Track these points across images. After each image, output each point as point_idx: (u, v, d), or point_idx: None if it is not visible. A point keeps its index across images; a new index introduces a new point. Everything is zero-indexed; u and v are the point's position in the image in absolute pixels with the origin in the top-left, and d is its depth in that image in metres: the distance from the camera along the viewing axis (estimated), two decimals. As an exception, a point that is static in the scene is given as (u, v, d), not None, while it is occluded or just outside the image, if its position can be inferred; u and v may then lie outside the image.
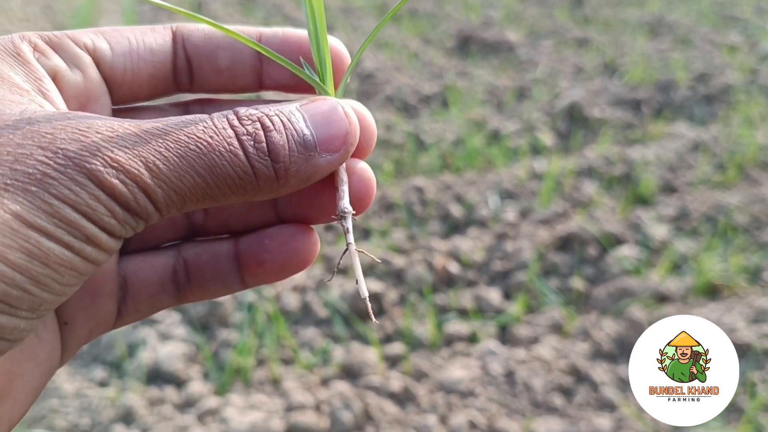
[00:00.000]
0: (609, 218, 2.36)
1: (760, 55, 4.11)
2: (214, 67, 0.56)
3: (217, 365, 1.79)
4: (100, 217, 0.39)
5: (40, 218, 0.37)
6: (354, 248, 0.53)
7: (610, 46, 4.40)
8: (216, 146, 0.43)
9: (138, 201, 0.40)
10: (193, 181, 0.42)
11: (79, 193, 0.38)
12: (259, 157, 0.44)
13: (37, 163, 0.38)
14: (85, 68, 0.52)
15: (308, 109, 0.48)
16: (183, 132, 0.42)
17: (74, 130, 0.40)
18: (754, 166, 2.78)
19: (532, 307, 2.00)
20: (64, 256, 0.38)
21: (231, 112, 0.45)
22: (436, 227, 2.41)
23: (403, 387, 1.67)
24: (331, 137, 0.48)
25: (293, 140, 0.46)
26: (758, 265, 2.13)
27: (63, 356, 0.52)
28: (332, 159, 0.48)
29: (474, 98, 3.55)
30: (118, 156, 0.39)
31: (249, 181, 0.44)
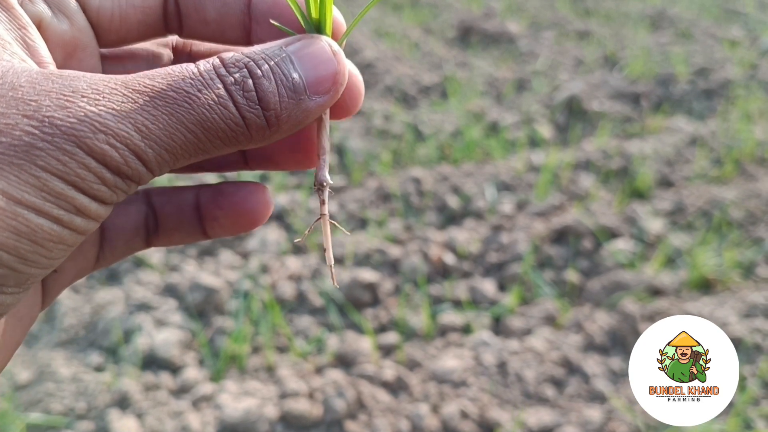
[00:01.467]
0: (605, 211, 2.37)
1: (760, 49, 4.11)
2: (202, 18, 0.55)
3: (213, 352, 1.81)
4: (89, 185, 0.38)
5: (27, 193, 0.36)
6: (327, 219, 0.53)
7: (611, 38, 4.40)
8: (205, 100, 0.42)
9: (129, 164, 0.39)
10: (184, 138, 0.41)
11: (67, 162, 0.37)
12: (249, 107, 0.43)
13: (23, 134, 0.36)
14: (71, 15, 0.51)
15: (295, 49, 0.46)
16: (171, 88, 0.41)
17: (59, 95, 0.38)
18: (751, 161, 2.78)
19: (527, 299, 2.02)
20: (52, 230, 0.38)
21: (216, 58, 0.44)
22: (433, 218, 2.42)
23: (396, 376, 1.68)
24: (320, 78, 0.46)
25: (283, 85, 0.45)
26: (752, 260, 2.14)
27: (44, 302, 0.52)
28: (322, 101, 0.47)
29: (473, 89, 3.55)
30: (107, 120, 0.38)
31: (241, 131, 0.43)
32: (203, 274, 2.03)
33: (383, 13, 5.15)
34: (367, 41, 4.27)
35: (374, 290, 1.98)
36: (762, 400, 1.63)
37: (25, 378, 1.71)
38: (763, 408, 1.60)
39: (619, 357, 1.76)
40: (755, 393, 1.64)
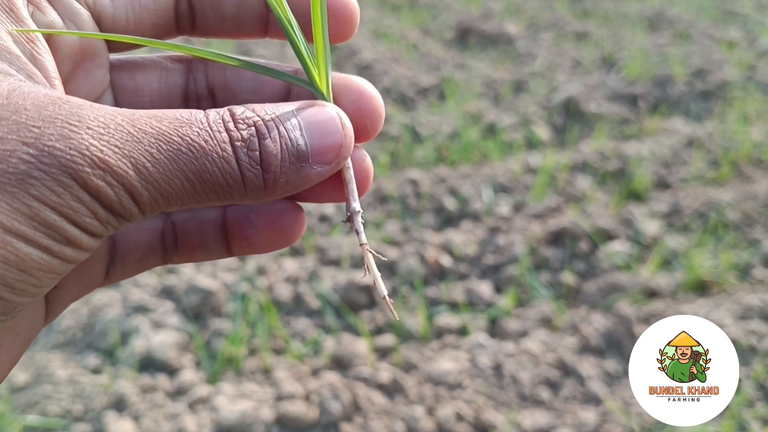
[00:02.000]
0: (601, 213, 2.38)
1: (758, 51, 4.11)
2: (218, 15, 0.54)
3: (209, 354, 1.81)
4: (81, 218, 0.38)
5: (18, 221, 0.36)
6: (367, 248, 0.52)
7: (609, 39, 4.40)
8: (209, 151, 0.41)
9: (123, 203, 0.39)
10: (180, 185, 0.41)
11: (61, 194, 0.37)
12: (250, 166, 0.43)
13: (20, 162, 0.36)
14: (82, 25, 0.49)
15: (306, 116, 0.46)
16: (177, 133, 0.41)
17: (64, 124, 0.38)
18: (748, 162, 2.79)
19: (523, 301, 2.02)
20: (42, 259, 0.37)
21: (227, 111, 0.44)
22: (430, 220, 2.42)
23: (392, 378, 1.69)
24: (325, 149, 0.46)
25: (287, 150, 0.44)
26: (748, 261, 2.15)
27: (47, 318, 0.51)
28: (323, 171, 0.46)
29: (471, 91, 3.55)
30: (107, 157, 0.38)
31: (237, 188, 0.43)
32: (200, 276, 2.04)
33: (382, 14, 5.16)
34: (365, 42, 4.28)
35: (370, 292, 1.98)
36: (757, 402, 1.64)
37: (22, 380, 1.72)
38: (757, 410, 1.61)
39: (614, 359, 1.77)
40: (750, 395, 1.65)
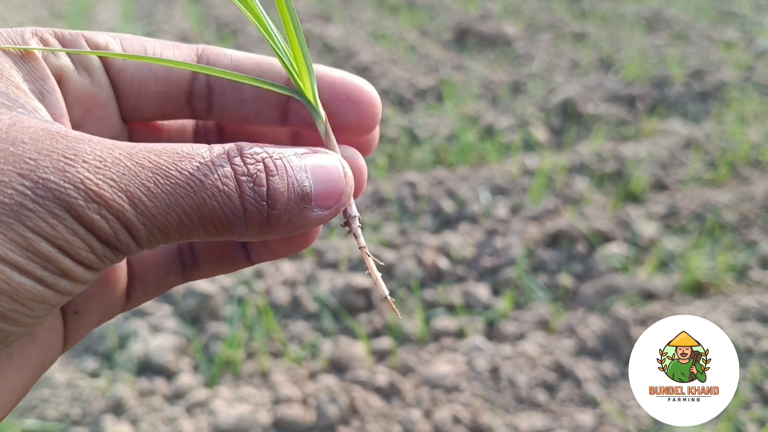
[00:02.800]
0: (599, 215, 2.38)
1: (756, 51, 4.11)
2: (238, 97, 0.54)
3: (207, 357, 1.82)
4: (77, 251, 0.38)
5: (12, 251, 0.36)
6: (366, 251, 0.52)
7: (607, 40, 4.40)
8: (209, 186, 0.41)
9: (119, 237, 0.39)
10: (178, 219, 0.40)
11: (56, 226, 0.37)
12: (254, 200, 0.42)
13: (15, 193, 0.36)
14: (93, 71, 0.50)
15: (310, 161, 0.46)
16: (176, 167, 0.40)
17: (60, 157, 0.38)
18: (746, 164, 2.79)
19: (520, 304, 2.03)
20: (35, 290, 0.37)
21: (234, 147, 0.44)
22: (428, 222, 2.43)
23: (389, 381, 1.69)
24: (327, 194, 0.46)
25: (293, 189, 0.44)
26: (745, 263, 2.15)
27: (66, 344, 0.51)
28: (323, 215, 0.46)
29: (469, 92, 3.56)
30: (103, 190, 0.38)
31: (237, 223, 0.43)
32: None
33: (380, 16, 5.16)
34: (363, 44, 4.28)
35: (368, 295, 1.99)
36: (753, 404, 1.64)
37: (20, 384, 1.72)
38: (754, 412, 1.61)
39: (611, 361, 1.77)
40: (746, 397, 1.65)
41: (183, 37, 4.57)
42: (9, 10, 5.34)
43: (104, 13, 5.49)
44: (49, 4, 5.81)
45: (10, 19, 5.05)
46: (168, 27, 4.78)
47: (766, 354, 1.75)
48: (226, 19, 5.01)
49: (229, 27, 4.82)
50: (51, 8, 5.67)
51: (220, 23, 4.96)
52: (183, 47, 0.53)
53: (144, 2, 5.75)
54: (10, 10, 5.35)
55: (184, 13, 5.34)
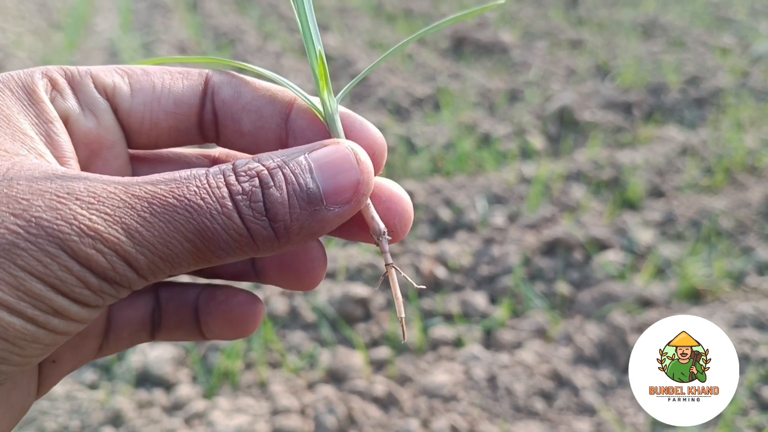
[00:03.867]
0: (596, 223, 2.39)
1: (751, 57, 4.13)
2: (237, 129, 0.53)
3: (206, 369, 1.82)
4: (70, 288, 0.38)
5: (2, 291, 0.36)
6: (393, 268, 0.51)
7: (604, 47, 4.42)
8: (207, 208, 0.41)
9: (117, 270, 0.39)
10: (181, 246, 0.40)
11: (48, 264, 0.37)
12: (254, 218, 0.42)
13: (7, 232, 0.36)
14: (99, 114, 0.50)
15: (317, 156, 0.45)
16: (173, 194, 0.40)
17: (53, 196, 0.38)
18: (742, 170, 2.80)
19: (517, 312, 2.03)
20: (26, 330, 0.37)
21: (229, 166, 0.43)
22: (425, 231, 2.43)
23: (387, 391, 1.70)
24: (339, 188, 0.44)
25: (295, 196, 0.43)
26: (741, 269, 2.16)
27: (40, 390, 0.51)
28: (341, 211, 0.45)
29: (466, 101, 3.57)
30: (96, 224, 0.38)
31: (245, 242, 0.42)
32: (196, 290, 2.04)
33: (377, 25, 5.18)
34: (360, 53, 4.29)
35: (366, 305, 1.99)
36: (750, 411, 1.65)
37: (19, 397, 1.72)
38: (751, 418, 1.62)
39: (608, 369, 1.78)
40: (744, 403, 1.65)
41: (181, 46, 4.59)
42: (7, 21, 5.36)
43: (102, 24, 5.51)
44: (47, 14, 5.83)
45: (8, 29, 5.07)
46: (166, 37, 4.80)
47: (764, 360, 1.76)
48: (224, 29, 5.03)
49: (227, 36, 4.84)
50: (49, 19, 5.69)
51: (218, 33, 4.98)
52: (193, 75, 0.53)
53: (142, 12, 5.77)
54: (8, 21, 5.37)
55: (182, 23, 5.36)
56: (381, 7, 5.72)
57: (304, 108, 0.52)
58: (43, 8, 6.04)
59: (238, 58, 4.34)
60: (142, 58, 4.37)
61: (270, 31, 5.06)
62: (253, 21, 5.42)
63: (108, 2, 6.43)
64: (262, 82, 0.54)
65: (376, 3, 5.81)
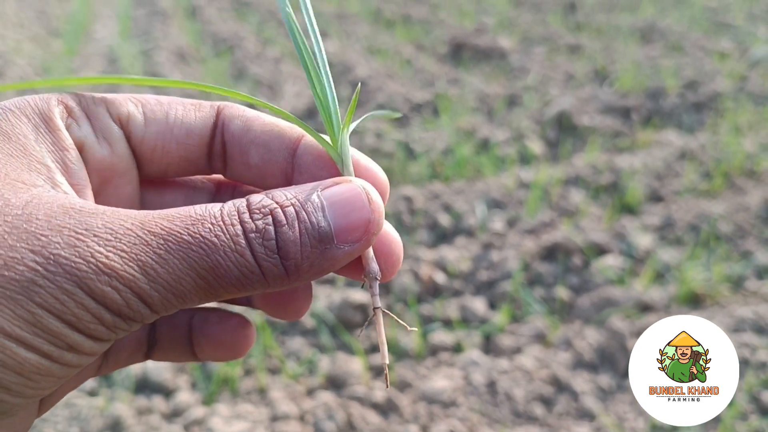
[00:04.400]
0: (595, 227, 2.39)
1: (750, 61, 4.14)
2: (245, 162, 0.54)
3: (205, 375, 1.82)
4: (86, 325, 0.38)
5: (20, 327, 0.36)
6: (381, 313, 0.52)
7: (602, 52, 4.43)
8: (221, 246, 0.41)
9: (131, 306, 0.40)
10: (194, 283, 0.41)
11: (65, 302, 0.37)
12: (267, 256, 0.42)
13: (26, 269, 0.37)
14: (114, 142, 0.51)
15: (329, 194, 0.45)
16: (187, 232, 0.41)
17: (71, 232, 0.39)
18: (740, 174, 2.80)
19: (517, 317, 2.03)
20: (41, 365, 0.38)
21: (243, 202, 0.44)
22: (424, 236, 2.43)
23: (386, 397, 1.70)
24: (350, 227, 0.45)
25: (307, 234, 0.43)
26: (741, 273, 2.16)
27: (41, 410, 0.52)
28: (351, 250, 0.45)
29: (465, 106, 3.57)
30: (113, 262, 0.38)
31: (256, 279, 0.43)
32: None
33: (376, 31, 5.19)
34: (359, 59, 4.30)
35: (365, 311, 1.99)
36: (750, 415, 1.65)
37: (18, 404, 1.72)
38: (751, 422, 1.61)
39: (607, 374, 1.77)
40: (743, 407, 1.65)
41: (180, 53, 4.60)
42: (6, 28, 5.37)
43: (102, 31, 5.52)
44: (46, 22, 5.85)
45: (7, 36, 5.08)
46: (165, 43, 4.81)
47: (763, 364, 1.76)
48: (223, 35, 5.04)
49: (226, 43, 4.85)
50: (48, 26, 5.70)
51: (217, 39, 4.99)
52: (204, 107, 0.54)
53: (141, 20, 5.78)
54: (8, 28, 5.38)
55: (180, 30, 5.37)
56: (380, 13, 5.73)
57: (311, 144, 0.53)
58: (42, 15, 6.05)
59: (238, 65, 4.35)
60: (142, 65, 4.39)
61: (269, 37, 5.07)
62: (252, 27, 5.43)
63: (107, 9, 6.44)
64: (271, 117, 0.54)
65: (374, 9, 5.83)
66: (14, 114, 0.46)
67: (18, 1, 6.37)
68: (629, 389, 1.71)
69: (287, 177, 0.54)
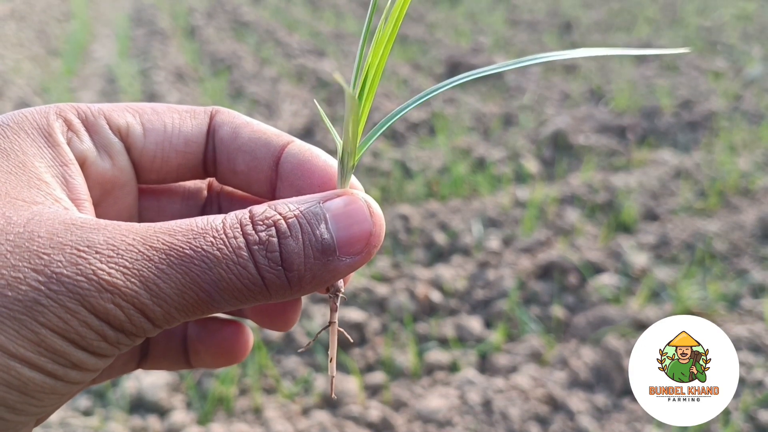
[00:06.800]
0: (590, 246, 2.40)
1: (744, 81, 4.17)
2: (231, 168, 0.55)
3: (200, 394, 1.81)
4: (89, 342, 0.39)
5: (24, 347, 0.37)
6: (336, 328, 0.52)
7: (597, 72, 4.46)
8: (223, 259, 0.41)
9: (134, 322, 0.40)
10: (196, 296, 0.41)
11: (69, 320, 0.37)
12: (270, 267, 0.42)
13: (29, 289, 0.37)
14: (114, 155, 0.52)
15: (331, 206, 0.45)
16: (189, 246, 0.41)
17: (73, 250, 0.39)
18: (735, 192, 2.82)
19: (513, 336, 2.03)
20: (45, 383, 0.38)
21: (246, 213, 0.44)
22: (421, 255, 2.44)
23: (382, 417, 1.69)
24: (352, 239, 0.45)
25: (310, 246, 0.43)
26: (736, 292, 2.16)
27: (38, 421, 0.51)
28: (352, 262, 0.45)
29: (461, 125, 3.59)
30: (115, 279, 0.38)
31: (258, 290, 0.43)
32: (191, 315, 2.04)
33: (373, 50, 5.22)
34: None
35: (361, 329, 1.99)
36: (746, 435, 1.64)
37: (12, 424, 1.71)
38: (747, 442, 1.61)
39: (603, 393, 1.77)
40: (740, 426, 1.65)
41: (178, 73, 4.62)
42: (6, 48, 5.40)
43: (101, 50, 5.56)
44: (45, 41, 5.88)
45: (7, 56, 5.11)
46: (163, 63, 4.84)
47: (759, 383, 1.75)
48: (221, 55, 5.07)
49: (224, 62, 4.88)
50: (48, 46, 5.73)
51: (215, 59, 5.02)
52: (199, 114, 0.55)
53: (140, 39, 5.81)
54: (7, 48, 5.41)
55: (179, 50, 5.40)
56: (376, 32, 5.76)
57: (294, 152, 0.53)
58: (41, 35, 6.09)
59: (235, 84, 4.37)
60: (140, 85, 4.41)
61: (266, 57, 5.10)
62: (250, 47, 5.46)
63: (106, 29, 6.48)
64: (261, 124, 0.55)
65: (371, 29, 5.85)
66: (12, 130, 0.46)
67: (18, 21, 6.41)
68: (625, 408, 1.71)
69: (272, 183, 0.54)
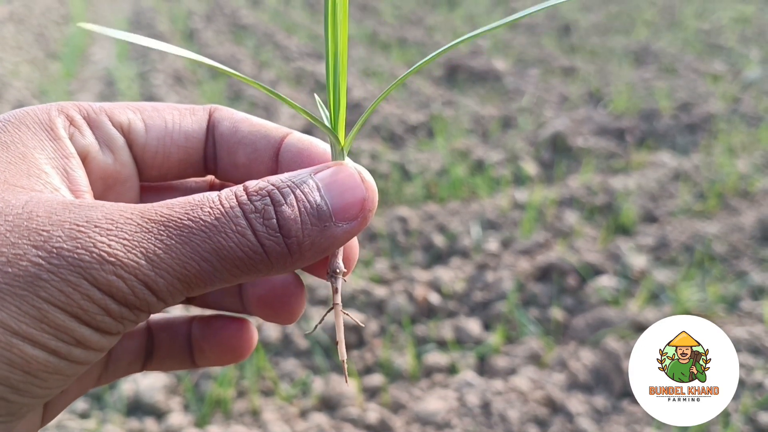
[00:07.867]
0: (589, 248, 2.39)
1: (743, 83, 4.17)
2: (232, 161, 0.55)
3: (198, 396, 1.81)
4: (92, 317, 0.38)
5: (26, 324, 0.36)
6: (340, 309, 0.52)
7: (596, 74, 4.46)
8: (222, 228, 0.41)
9: (137, 294, 0.39)
10: (198, 267, 0.41)
11: (71, 294, 0.37)
12: (268, 234, 0.43)
13: (30, 264, 0.37)
14: (116, 150, 0.52)
15: (323, 176, 0.46)
16: (188, 216, 0.41)
17: (72, 225, 0.39)
18: (734, 195, 2.81)
19: (511, 338, 2.02)
20: (48, 362, 0.38)
21: (241, 186, 0.44)
22: (419, 257, 2.43)
23: (380, 419, 1.68)
24: (347, 205, 0.46)
25: (306, 212, 0.44)
26: (735, 294, 2.16)
27: (44, 419, 0.52)
28: (349, 228, 0.46)
29: (459, 128, 3.59)
30: (116, 250, 0.38)
31: (260, 259, 0.43)
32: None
33: (371, 53, 5.23)
34: (355, 81, 4.33)
35: (359, 332, 1.99)
36: (746, 437, 1.64)
37: (8, 427, 1.70)
38: (747, 444, 1.60)
39: (602, 395, 1.77)
40: (739, 429, 1.64)
41: (177, 76, 4.62)
42: (4, 51, 5.40)
43: (99, 53, 5.56)
44: (44, 45, 5.88)
45: (5, 59, 5.10)
46: (162, 66, 4.84)
47: (759, 385, 1.75)
48: (220, 58, 5.07)
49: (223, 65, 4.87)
50: (46, 49, 5.73)
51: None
52: (198, 111, 0.56)
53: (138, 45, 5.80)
54: (6, 51, 5.40)
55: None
56: (375, 36, 5.77)
57: (293, 142, 0.54)
58: (40, 38, 6.09)
59: (234, 87, 4.37)
60: (139, 87, 4.40)
61: (265, 60, 5.10)
62: (249, 50, 5.46)
63: (105, 32, 6.47)
64: (258, 119, 0.56)
65: (370, 32, 5.87)
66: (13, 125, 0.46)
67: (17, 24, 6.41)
68: (624, 410, 1.70)
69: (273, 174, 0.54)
